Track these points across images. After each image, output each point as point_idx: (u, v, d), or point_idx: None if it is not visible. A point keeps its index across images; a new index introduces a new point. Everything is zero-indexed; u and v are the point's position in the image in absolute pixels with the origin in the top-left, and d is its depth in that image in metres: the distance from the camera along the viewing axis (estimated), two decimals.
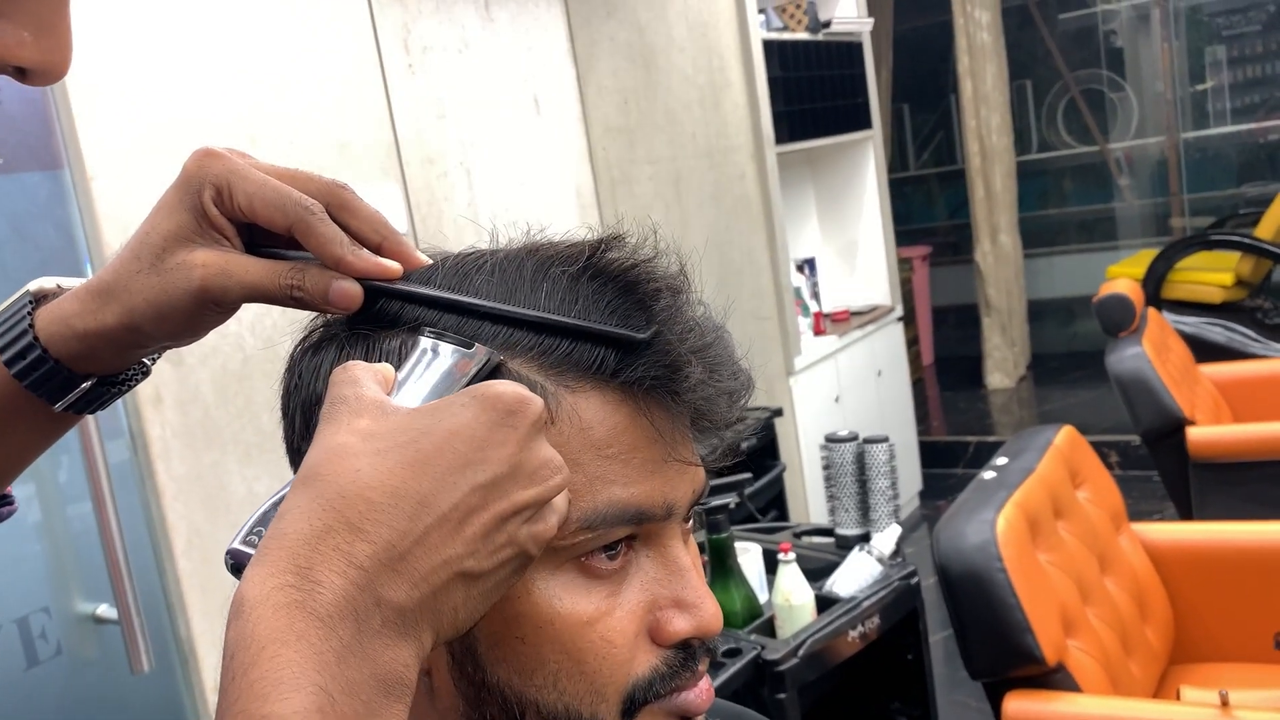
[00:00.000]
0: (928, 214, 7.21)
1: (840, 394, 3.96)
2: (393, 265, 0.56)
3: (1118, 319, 3.21)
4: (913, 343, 6.00)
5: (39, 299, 0.59)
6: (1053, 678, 1.83)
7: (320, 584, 0.43)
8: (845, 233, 4.57)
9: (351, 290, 0.56)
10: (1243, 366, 3.65)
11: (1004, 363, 5.97)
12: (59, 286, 0.60)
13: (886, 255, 4.54)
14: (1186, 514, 3.11)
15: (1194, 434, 3.00)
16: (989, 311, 5.86)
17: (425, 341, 0.54)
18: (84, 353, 0.57)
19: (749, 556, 1.90)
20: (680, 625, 0.57)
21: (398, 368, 0.53)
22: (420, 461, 0.46)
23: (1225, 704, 1.67)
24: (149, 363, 0.64)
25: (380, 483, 0.45)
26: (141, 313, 0.56)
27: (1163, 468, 3.17)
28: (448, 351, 0.53)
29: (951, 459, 5.20)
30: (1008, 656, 1.81)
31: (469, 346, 0.53)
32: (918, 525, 4.59)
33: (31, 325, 0.57)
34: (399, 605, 0.44)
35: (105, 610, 1.85)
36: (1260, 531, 2.27)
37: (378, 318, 0.57)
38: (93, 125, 1.87)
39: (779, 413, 2.83)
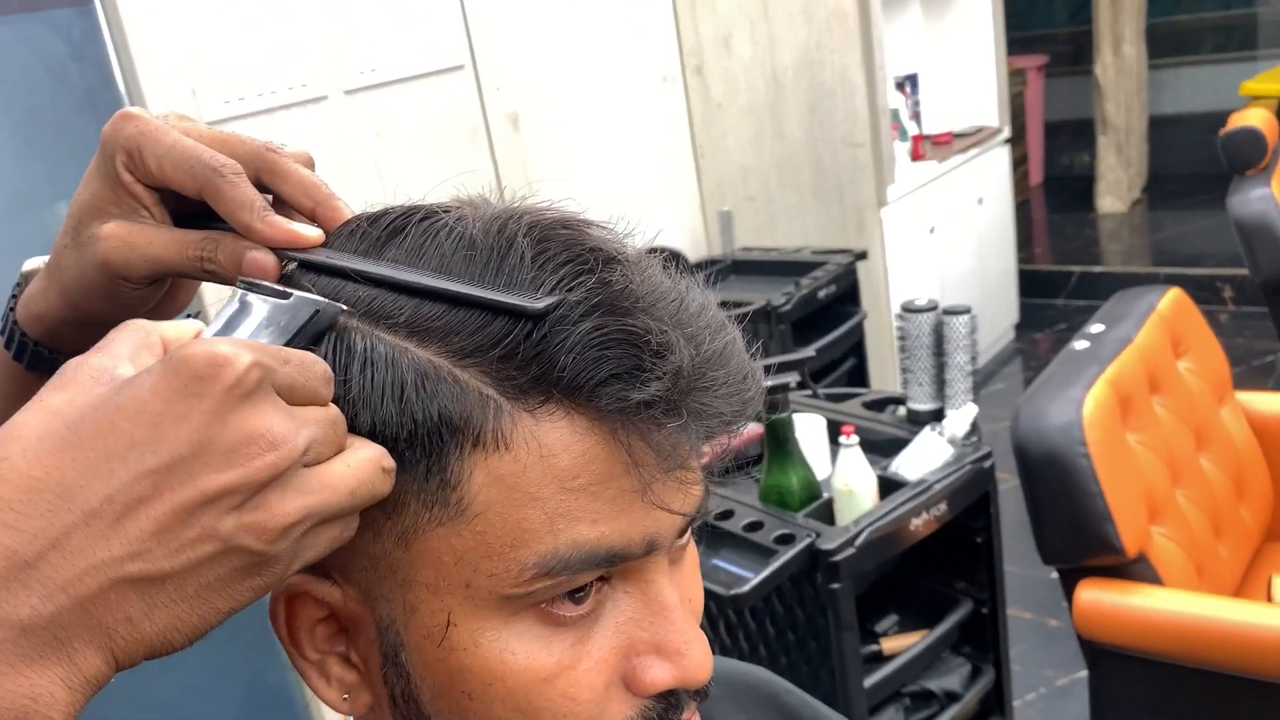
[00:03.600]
0: (1046, 18, 6.67)
1: (935, 225, 3.75)
2: (309, 233, 0.50)
3: (1246, 156, 2.91)
4: (1020, 161, 5.66)
5: (29, 278, 0.56)
6: (1132, 567, 1.73)
7: None
8: (952, 43, 4.23)
9: (264, 261, 0.49)
10: None
11: (1117, 185, 5.60)
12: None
13: (997, 68, 4.22)
14: None
15: None
16: (1105, 130, 5.45)
17: (236, 294, 0.46)
18: (48, 334, 0.55)
19: (811, 428, 1.79)
20: (659, 675, 0.49)
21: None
22: (74, 445, 0.38)
23: None
24: None
25: (21, 474, 0.38)
26: (73, 290, 0.52)
27: None
28: (257, 303, 0.45)
29: (1053, 289, 4.96)
30: (1085, 545, 1.71)
31: (285, 296, 0.45)
32: (1010, 359, 4.41)
33: (13, 309, 0.56)
34: (22, 621, 0.37)
35: None
36: None
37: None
38: None
39: (862, 256, 2.66)
